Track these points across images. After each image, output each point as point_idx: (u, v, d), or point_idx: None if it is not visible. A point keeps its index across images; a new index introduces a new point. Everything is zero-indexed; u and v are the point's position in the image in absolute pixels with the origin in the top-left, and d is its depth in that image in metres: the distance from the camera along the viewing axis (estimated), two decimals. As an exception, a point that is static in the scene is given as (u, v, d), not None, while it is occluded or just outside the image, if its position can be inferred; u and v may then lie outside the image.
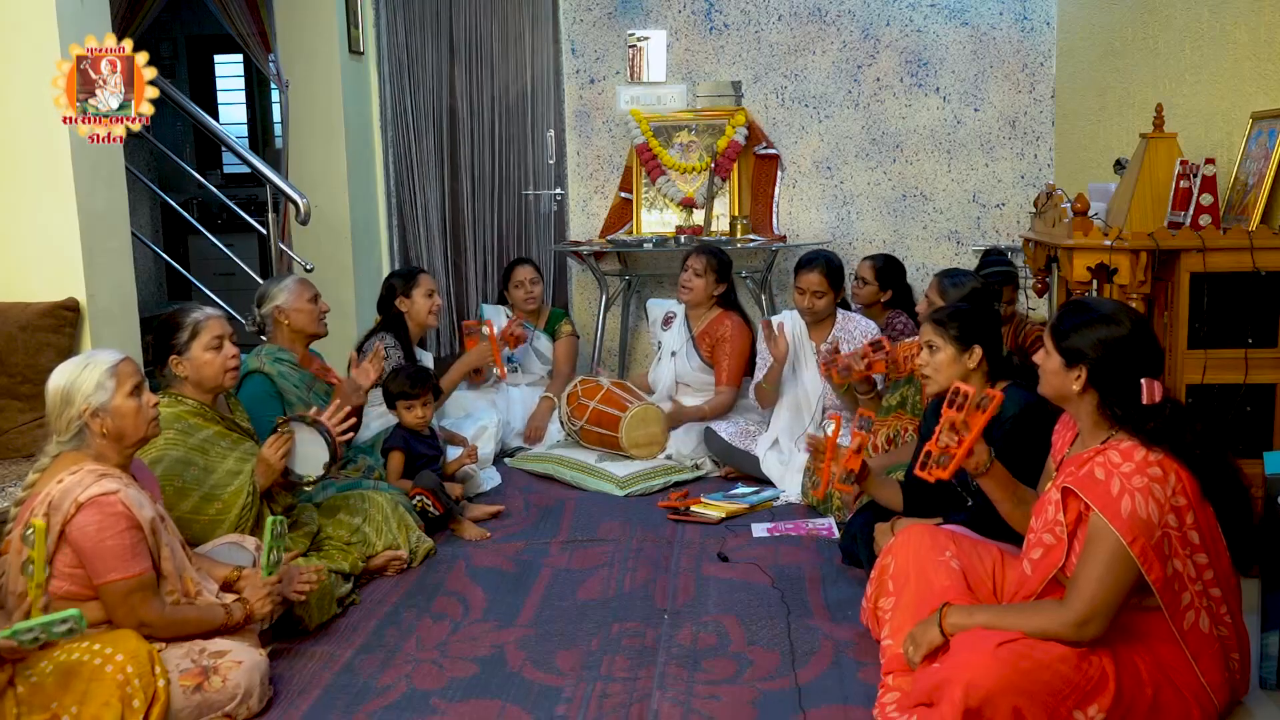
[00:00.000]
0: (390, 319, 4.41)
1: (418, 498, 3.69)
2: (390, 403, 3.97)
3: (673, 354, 4.75)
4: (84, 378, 2.49)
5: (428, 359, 4.62)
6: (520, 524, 3.92)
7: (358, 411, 3.78)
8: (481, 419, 4.66)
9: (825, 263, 4.24)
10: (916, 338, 3.79)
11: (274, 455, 3.03)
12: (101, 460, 2.49)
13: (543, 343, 5.08)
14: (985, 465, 2.47)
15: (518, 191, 5.97)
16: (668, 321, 4.87)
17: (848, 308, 4.54)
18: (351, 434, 3.24)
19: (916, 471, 2.50)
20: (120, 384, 2.51)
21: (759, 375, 4.44)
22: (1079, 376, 2.28)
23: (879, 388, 3.99)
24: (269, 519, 2.76)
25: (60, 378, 2.50)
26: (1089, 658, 2.15)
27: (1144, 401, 2.22)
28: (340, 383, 3.73)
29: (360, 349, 4.26)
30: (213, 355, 3.02)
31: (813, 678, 2.67)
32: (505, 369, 4.61)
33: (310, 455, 3.11)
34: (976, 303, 3.31)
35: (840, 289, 4.30)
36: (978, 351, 2.87)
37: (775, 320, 4.37)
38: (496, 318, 5.08)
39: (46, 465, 2.50)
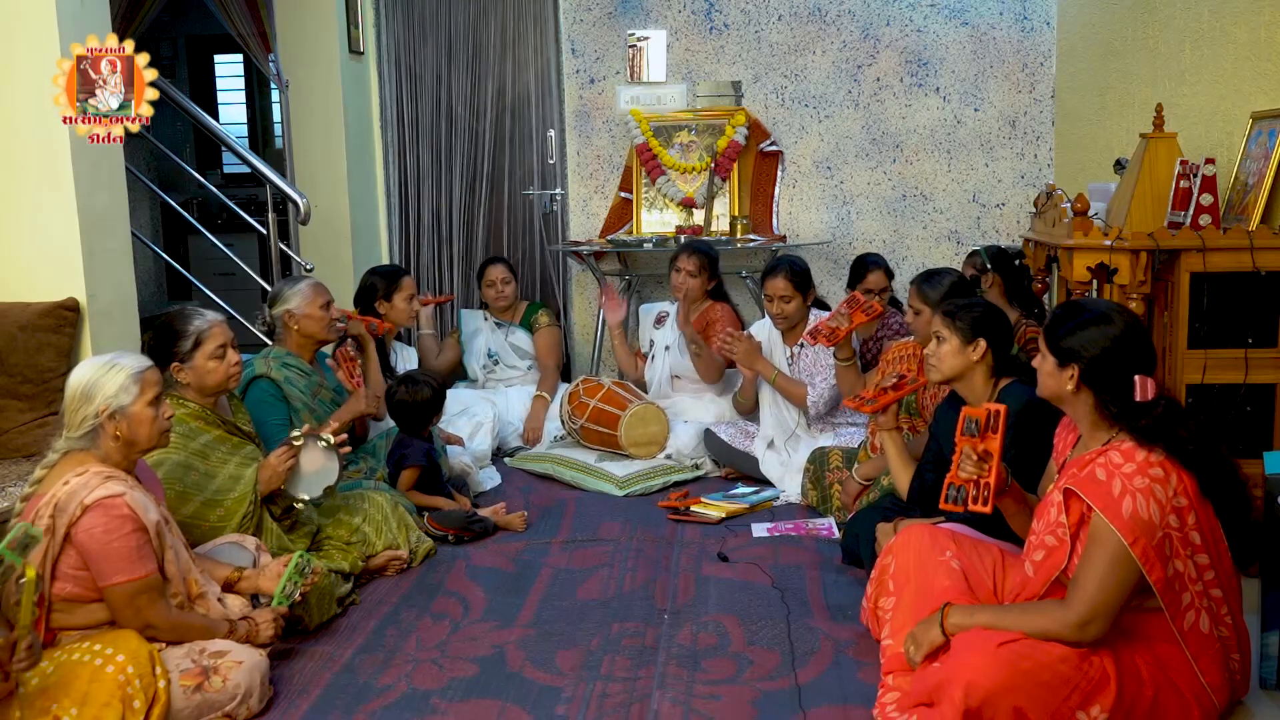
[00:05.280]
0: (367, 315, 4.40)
1: (448, 534, 3.68)
2: (394, 411, 3.93)
3: (666, 348, 4.77)
4: (108, 378, 2.49)
5: (412, 356, 4.63)
6: (520, 524, 3.93)
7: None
8: (477, 415, 4.67)
9: (789, 267, 4.24)
10: (910, 339, 3.80)
11: (280, 464, 3.03)
12: (108, 462, 2.49)
13: (520, 337, 5.10)
14: (1005, 486, 2.47)
15: (518, 191, 5.98)
16: (660, 320, 4.90)
17: (826, 308, 4.55)
18: (349, 447, 3.26)
19: (944, 506, 2.48)
20: (143, 391, 2.52)
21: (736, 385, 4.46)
22: (1072, 376, 2.29)
23: (855, 349, 4.04)
24: (296, 555, 2.78)
25: (83, 375, 2.50)
26: (1090, 658, 2.15)
27: (1137, 399, 2.22)
28: (359, 390, 3.70)
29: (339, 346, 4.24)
30: (216, 364, 3.02)
31: (813, 678, 2.67)
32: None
33: (317, 474, 3.12)
34: (961, 294, 3.32)
35: (809, 291, 4.28)
36: (982, 345, 2.88)
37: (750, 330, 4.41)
38: (473, 320, 5.12)
39: (54, 462, 2.49)
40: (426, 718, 2.54)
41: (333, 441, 3.13)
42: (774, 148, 5.68)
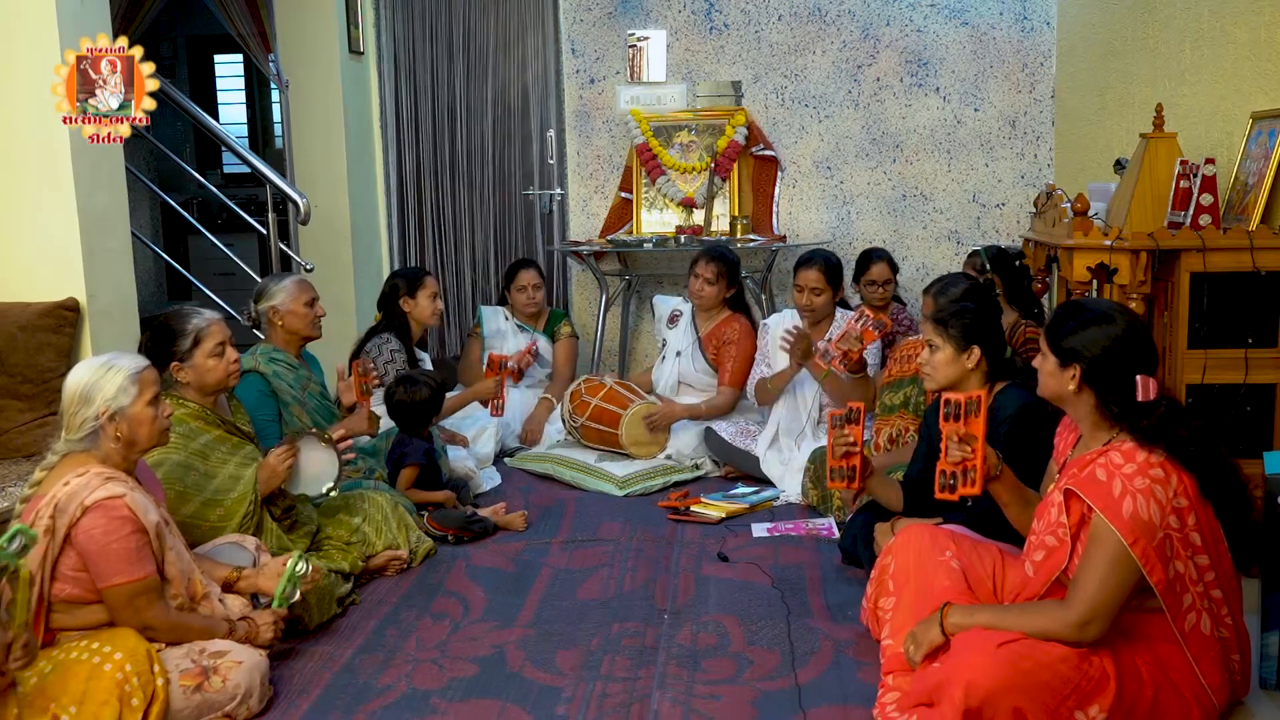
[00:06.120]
0: (392, 318, 4.41)
1: (448, 535, 3.68)
2: (393, 411, 3.93)
3: (677, 354, 4.75)
4: (107, 380, 2.48)
5: (425, 360, 4.62)
6: (520, 524, 3.92)
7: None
8: (481, 419, 4.67)
9: (823, 261, 4.27)
10: (918, 336, 3.80)
11: (280, 464, 3.03)
12: (108, 462, 2.49)
13: (542, 345, 5.09)
14: (996, 469, 2.47)
15: (518, 191, 5.98)
16: (674, 319, 4.86)
17: (847, 306, 4.55)
18: (351, 454, 3.28)
19: (939, 495, 2.48)
20: (142, 391, 2.51)
21: (755, 375, 4.45)
22: (1074, 376, 2.29)
23: (867, 367, 4.06)
24: (295, 554, 2.77)
25: (81, 377, 2.49)
26: (1089, 658, 2.15)
27: (1139, 398, 2.22)
28: (364, 407, 3.70)
29: (361, 351, 4.26)
30: (216, 361, 3.02)
31: (813, 678, 2.67)
32: (504, 404, 4.49)
33: (317, 474, 3.12)
34: (975, 302, 3.31)
35: (839, 287, 4.32)
36: (976, 352, 2.88)
37: (765, 332, 4.39)
38: (494, 319, 5.10)
39: (54, 464, 2.49)
40: (426, 718, 2.54)
41: (330, 439, 3.12)
42: (767, 153, 5.67)
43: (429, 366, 4.56)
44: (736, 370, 4.52)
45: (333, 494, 3.18)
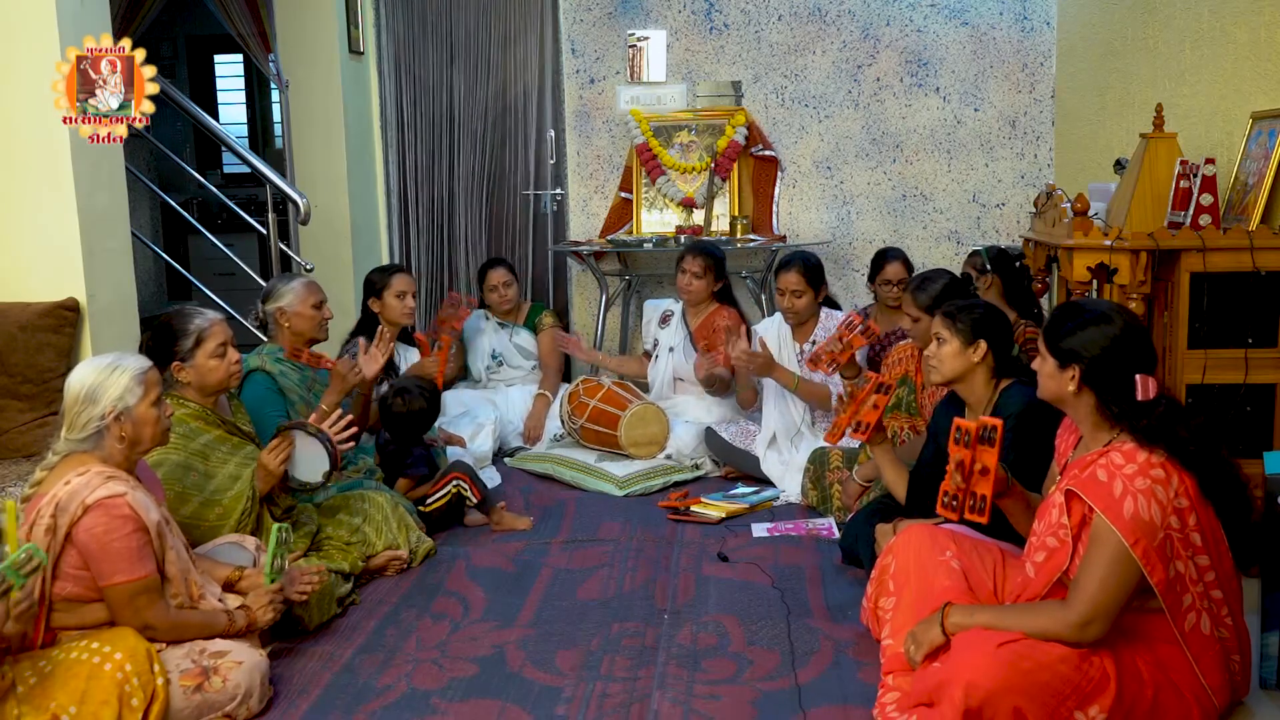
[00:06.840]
0: (367, 317, 4.40)
1: (455, 483, 3.70)
2: (388, 421, 3.91)
3: (670, 350, 4.76)
4: (113, 380, 2.48)
5: (413, 355, 4.62)
6: (520, 524, 3.92)
7: (362, 416, 3.76)
8: (479, 417, 4.67)
9: (802, 262, 4.26)
10: (908, 340, 3.81)
11: (273, 461, 3.03)
12: (109, 462, 2.49)
13: (524, 338, 5.09)
14: (1006, 489, 2.47)
15: (518, 191, 5.98)
16: (665, 320, 4.87)
17: (836, 306, 4.54)
18: (353, 443, 3.26)
19: (940, 511, 2.47)
20: (147, 392, 2.52)
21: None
22: (1073, 377, 2.29)
23: (863, 370, 4.04)
24: (274, 526, 2.76)
25: (86, 377, 2.49)
26: (1090, 658, 2.15)
27: (1139, 398, 2.22)
28: (335, 366, 3.70)
29: (343, 353, 4.23)
30: (217, 362, 3.03)
31: (813, 678, 2.67)
32: (442, 381, 4.45)
33: (311, 462, 3.11)
34: (956, 295, 3.32)
35: (820, 288, 4.30)
36: (983, 346, 2.88)
37: (756, 336, 4.37)
38: (474, 319, 5.10)
39: (54, 464, 2.49)
40: (426, 718, 2.54)
41: (318, 429, 3.10)
42: (766, 153, 5.67)
43: (413, 362, 4.55)
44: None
45: (332, 477, 3.15)
